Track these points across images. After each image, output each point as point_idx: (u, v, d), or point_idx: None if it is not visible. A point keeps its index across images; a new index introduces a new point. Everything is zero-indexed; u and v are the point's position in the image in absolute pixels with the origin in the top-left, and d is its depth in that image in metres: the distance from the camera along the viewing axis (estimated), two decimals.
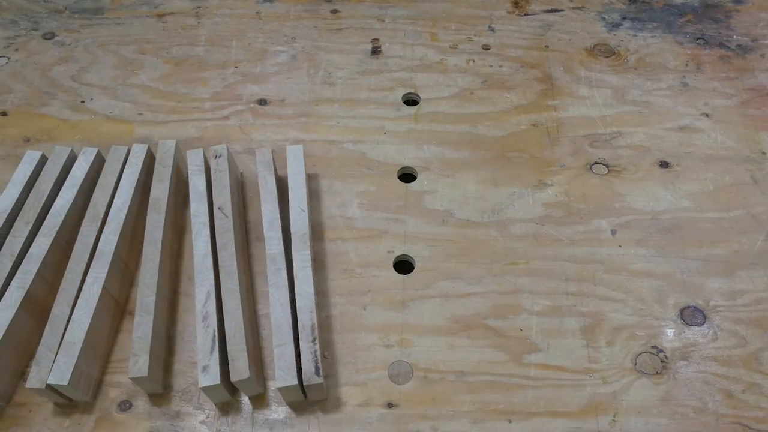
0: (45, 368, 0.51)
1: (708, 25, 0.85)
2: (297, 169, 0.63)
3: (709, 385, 0.56)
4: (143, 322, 0.54)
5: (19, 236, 0.58)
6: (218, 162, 0.63)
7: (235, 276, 0.56)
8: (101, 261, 0.57)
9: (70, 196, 0.61)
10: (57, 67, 0.80)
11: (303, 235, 0.58)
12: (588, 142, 0.72)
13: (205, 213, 0.60)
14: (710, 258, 0.64)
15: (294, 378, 0.51)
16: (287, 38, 0.83)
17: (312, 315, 0.54)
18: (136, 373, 0.51)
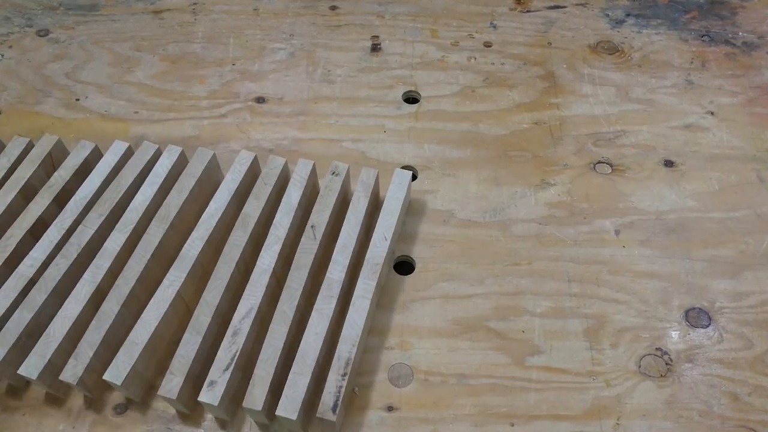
0: (81, 362, 0.51)
1: (713, 21, 0.85)
2: (396, 194, 0.61)
3: (715, 388, 0.56)
4: (190, 342, 0.52)
5: (90, 227, 0.58)
6: (332, 180, 0.61)
7: (296, 302, 0.54)
8: (181, 265, 0.56)
9: (150, 194, 0.60)
10: (51, 64, 0.80)
11: (376, 265, 0.56)
12: (591, 141, 0.72)
13: (285, 227, 0.58)
14: (716, 259, 0.64)
15: (295, 413, 0.49)
16: (285, 35, 0.83)
17: (352, 349, 0.52)
18: (166, 393, 0.50)
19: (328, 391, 0.50)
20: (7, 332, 0.53)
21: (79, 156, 0.64)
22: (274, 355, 0.51)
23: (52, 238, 0.57)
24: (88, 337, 0.52)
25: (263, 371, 0.51)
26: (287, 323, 0.53)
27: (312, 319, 0.53)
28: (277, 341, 0.52)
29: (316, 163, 0.70)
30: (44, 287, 0.54)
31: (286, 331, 0.52)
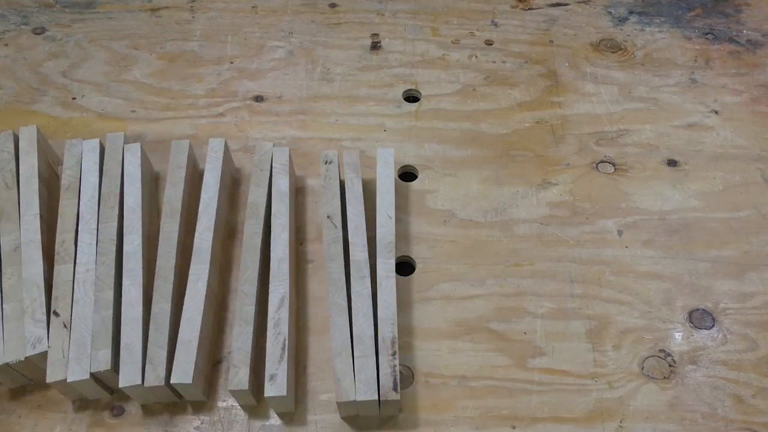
0: (159, 365, 0.52)
1: (717, 19, 0.85)
2: (386, 172, 0.62)
3: (719, 390, 0.56)
4: (243, 333, 0.53)
5: (111, 221, 0.59)
6: (329, 168, 0.63)
7: (344, 290, 0.55)
8: (200, 258, 0.57)
9: (137, 193, 0.61)
10: (47, 62, 0.80)
11: (389, 243, 0.58)
12: (594, 140, 0.72)
13: (285, 214, 0.59)
14: (719, 259, 0.64)
15: (374, 393, 0.51)
16: (284, 33, 0.83)
17: (393, 327, 0.53)
18: (236, 386, 0.51)
19: (383, 373, 0.52)
20: (100, 335, 0.53)
21: (79, 155, 0.64)
22: (347, 346, 0.53)
23: (90, 240, 0.58)
24: (153, 340, 0.53)
25: (343, 363, 0.52)
26: (345, 314, 0.54)
27: (355, 303, 0.55)
28: (342, 332, 0.53)
29: (314, 161, 0.70)
30: (106, 285, 0.56)
31: (347, 322, 0.54)
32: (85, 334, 0.53)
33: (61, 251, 0.58)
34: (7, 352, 0.53)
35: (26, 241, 0.58)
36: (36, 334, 0.53)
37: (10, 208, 0.60)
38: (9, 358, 0.52)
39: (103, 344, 0.53)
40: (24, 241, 0.58)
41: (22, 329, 0.54)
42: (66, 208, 0.60)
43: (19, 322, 0.54)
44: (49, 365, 0.52)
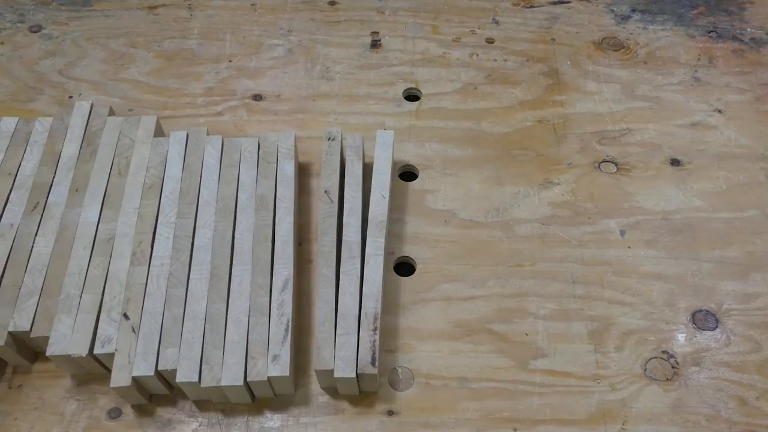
0: (216, 366, 0.52)
1: (721, 17, 0.85)
2: (384, 154, 0.64)
3: (722, 392, 0.56)
4: (259, 324, 0.54)
5: (188, 218, 0.59)
6: (330, 145, 0.64)
7: (333, 263, 0.57)
8: (242, 258, 0.57)
9: (213, 185, 0.61)
10: (44, 61, 0.80)
11: (380, 222, 0.60)
12: (596, 139, 0.72)
13: (290, 199, 0.61)
14: (723, 260, 0.64)
15: (353, 371, 0.52)
16: (283, 31, 0.83)
17: (377, 304, 0.55)
18: (255, 377, 0.52)
19: (363, 348, 0.53)
20: (169, 333, 0.54)
21: (164, 153, 0.64)
22: (330, 316, 0.55)
23: (168, 234, 0.59)
24: (209, 339, 0.53)
25: (325, 333, 0.54)
26: (333, 285, 0.56)
27: (343, 282, 0.56)
28: (328, 304, 0.55)
29: (313, 160, 0.70)
30: (179, 282, 0.56)
31: (334, 293, 0.56)
32: (154, 329, 0.54)
33: (137, 252, 0.58)
34: (72, 344, 0.53)
35: (120, 234, 0.58)
36: (107, 333, 0.53)
37: (115, 197, 0.61)
38: (72, 351, 0.52)
39: (172, 342, 0.53)
40: (118, 234, 0.58)
41: (92, 323, 0.54)
42: (146, 208, 0.60)
43: (91, 315, 0.54)
44: (115, 369, 0.52)
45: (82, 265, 0.57)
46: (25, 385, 0.56)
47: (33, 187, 0.61)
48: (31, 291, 0.55)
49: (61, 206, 0.60)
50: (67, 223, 0.59)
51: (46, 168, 0.62)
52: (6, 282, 0.56)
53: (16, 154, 0.63)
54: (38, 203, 0.60)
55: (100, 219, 0.59)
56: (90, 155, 0.63)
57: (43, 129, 0.64)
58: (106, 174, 0.62)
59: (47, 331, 0.53)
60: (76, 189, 0.61)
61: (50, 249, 0.57)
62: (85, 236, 0.58)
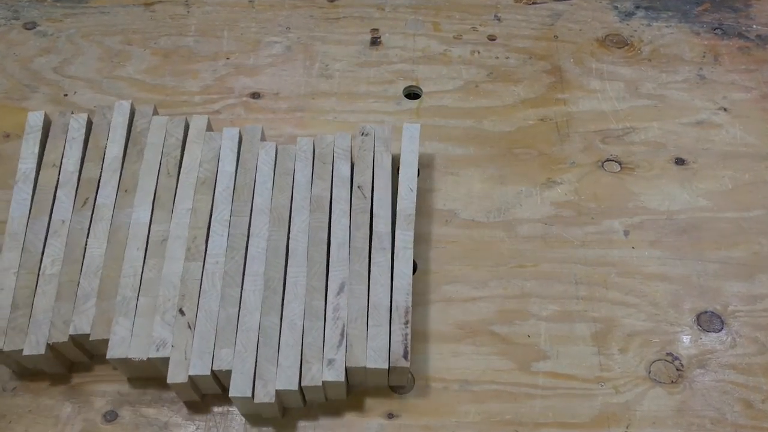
0: (270, 382, 0.52)
1: (726, 14, 0.85)
2: (410, 147, 0.64)
3: (728, 395, 0.56)
4: (314, 327, 0.54)
5: (243, 216, 0.60)
6: (364, 140, 0.64)
7: (366, 259, 0.57)
8: (297, 260, 0.58)
9: (267, 193, 0.61)
10: (38, 58, 0.80)
11: (408, 216, 0.60)
12: (599, 138, 0.72)
13: (346, 200, 0.61)
14: (729, 260, 0.64)
15: (385, 362, 0.52)
16: (282, 28, 0.83)
17: (407, 297, 0.56)
18: (310, 382, 0.52)
19: (394, 341, 0.54)
20: (224, 332, 0.54)
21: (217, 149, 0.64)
22: (362, 314, 0.55)
23: (222, 231, 0.59)
24: (263, 353, 0.53)
25: (356, 330, 0.54)
26: (364, 282, 0.56)
27: (374, 273, 0.57)
28: (361, 300, 0.56)
29: None
30: (234, 282, 0.56)
31: (366, 291, 0.56)
32: (209, 328, 0.54)
33: (192, 248, 0.58)
34: (132, 348, 0.53)
35: (174, 235, 0.58)
36: (162, 336, 0.54)
37: (166, 197, 0.61)
38: (132, 354, 0.53)
39: (227, 342, 0.53)
40: (171, 236, 0.58)
41: (150, 326, 0.54)
42: (200, 203, 0.60)
43: (149, 318, 0.54)
44: (171, 366, 0.52)
45: (136, 267, 0.57)
46: (19, 388, 0.57)
47: (81, 183, 0.61)
48: (88, 293, 0.55)
49: (110, 207, 0.60)
50: (118, 225, 0.59)
51: (92, 164, 0.62)
52: (63, 278, 0.56)
53: (57, 147, 0.63)
54: (87, 199, 0.60)
55: (152, 220, 0.59)
56: (137, 155, 0.63)
57: (79, 126, 0.64)
58: (155, 174, 0.62)
59: (106, 333, 0.54)
60: (125, 190, 0.61)
61: (103, 251, 0.58)
62: (138, 238, 0.58)
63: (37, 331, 0.54)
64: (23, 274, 0.56)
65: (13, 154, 0.71)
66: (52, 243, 0.58)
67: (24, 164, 0.62)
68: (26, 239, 0.58)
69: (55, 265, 0.57)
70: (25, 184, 0.61)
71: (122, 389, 0.57)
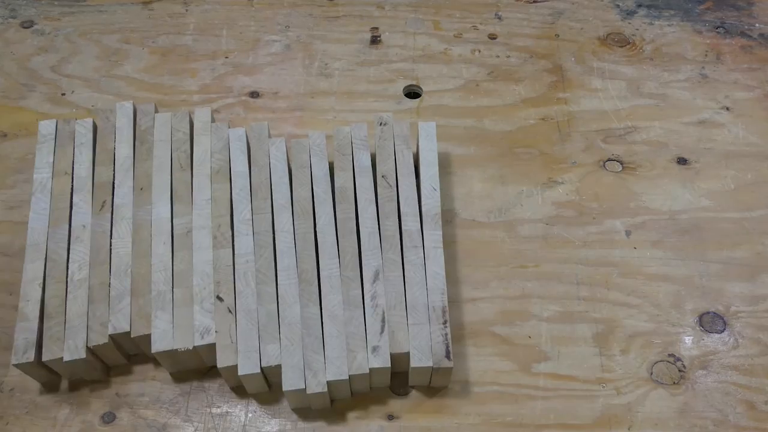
0: (319, 372, 0.52)
1: (729, 12, 0.85)
2: (428, 146, 0.64)
3: (730, 396, 0.56)
4: (355, 317, 0.55)
5: (265, 213, 0.60)
6: (383, 130, 0.64)
7: (398, 247, 0.58)
8: (327, 252, 0.58)
9: (285, 189, 0.61)
10: (36, 57, 0.80)
11: (434, 215, 0.60)
12: (601, 138, 0.72)
13: (371, 189, 0.61)
14: (731, 261, 0.64)
15: (430, 360, 0.53)
16: (281, 27, 0.83)
17: (443, 297, 0.55)
18: (356, 371, 0.52)
19: (435, 341, 0.54)
20: (267, 329, 0.54)
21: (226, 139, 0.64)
22: (400, 299, 0.55)
23: (246, 231, 0.59)
24: (308, 344, 0.53)
25: (397, 316, 0.55)
26: (400, 268, 0.57)
27: (408, 272, 0.57)
28: (397, 287, 0.56)
29: None
30: (268, 278, 0.56)
31: (401, 275, 0.57)
32: (251, 327, 0.54)
33: (218, 235, 0.58)
34: (176, 339, 0.54)
35: (197, 226, 0.59)
36: (204, 324, 0.54)
37: (183, 190, 0.61)
38: (178, 345, 0.53)
39: (271, 338, 0.54)
40: (195, 226, 0.59)
41: (191, 316, 0.55)
42: (218, 192, 0.61)
43: (188, 308, 0.55)
44: (219, 351, 0.53)
45: (165, 261, 0.57)
46: (17, 389, 0.57)
47: (95, 187, 0.62)
48: (121, 293, 0.56)
49: (128, 206, 0.60)
50: (139, 222, 0.60)
51: (103, 167, 0.63)
52: (93, 281, 0.57)
53: (66, 155, 0.64)
54: (105, 202, 0.61)
55: (173, 214, 0.60)
56: (146, 153, 0.64)
57: (85, 130, 0.65)
58: (168, 169, 0.62)
59: (147, 329, 0.54)
60: (141, 188, 0.61)
61: (129, 250, 0.58)
62: (162, 233, 0.59)
63: (75, 336, 0.54)
64: (51, 284, 0.57)
65: (11, 153, 0.71)
66: (77, 248, 0.58)
67: (39, 174, 0.62)
68: (48, 249, 0.58)
69: (83, 269, 0.57)
70: (42, 194, 0.61)
71: (120, 390, 0.57)
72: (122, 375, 0.57)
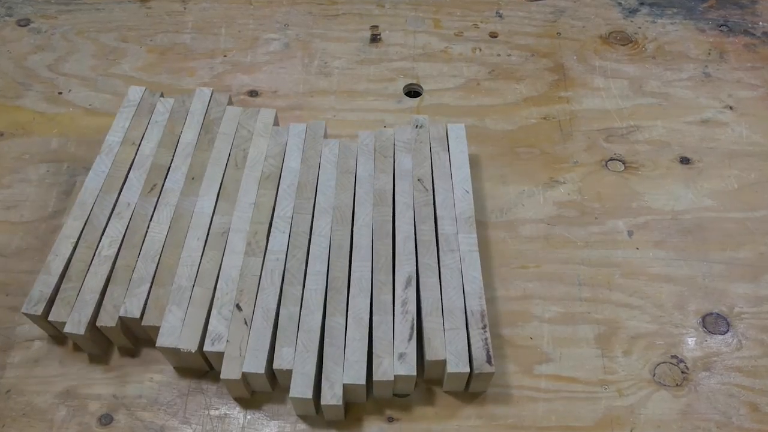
0: (337, 383, 0.52)
1: (732, 10, 0.85)
2: (459, 148, 0.65)
3: (734, 398, 0.56)
4: (384, 322, 0.54)
5: (306, 214, 0.60)
6: (419, 132, 0.65)
7: (434, 252, 0.58)
8: (361, 255, 0.58)
9: (330, 192, 0.62)
10: (32, 56, 0.80)
11: (468, 218, 0.60)
12: (603, 137, 0.72)
13: (409, 193, 0.61)
14: (734, 261, 0.64)
15: (467, 366, 0.52)
16: (280, 25, 0.83)
17: (481, 301, 0.55)
18: (382, 377, 0.52)
19: (475, 347, 0.53)
20: (285, 332, 0.54)
21: (284, 144, 0.65)
22: (437, 306, 0.55)
23: (284, 228, 0.59)
24: (329, 354, 0.53)
25: (433, 323, 0.54)
26: (435, 275, 0.57)
27: (444, 275, 0.57)
28: (434, 293, 0.55)
29: None
30: (296, 280, 0.56)
31: (438, 282, 0.56)
32: (266, 326, 0.54)
33: (252, 243, 0.58)
34: (182, 338, 0.53)
35: (235, 228, 0.59)
36: (218, 331, 0.54)
37: (231, 189, 0.61)
38: (183, 345, 0.53)
39: (288, 341, 0.53)
40: (233, 228, 0.59)
41: (203, 318, 0.54)
42: (263, 198, 0.61)
43: (202, 309, 0.55)
44: (226, 361, 0.53)
45: (194, 256, 0.57)
46: (13, 391, 0.57)
47: (151, 168, 0.63)
48: (143, 277, 0.56)
49: (176, 193, 0.61)
50: (181, 212, 0.60)
51: (164, 150, 0.64)
52: (120, 262, 0.57)
53: (140, 125, 0.65)
54: (155, 185, 0.61)
55: (215, 211, 0.60)
56: (208, 144, 0.64)
57: (164, 110, 0.66)
58: (223, 165, 0.63)
59: (158, 320, 0.54)
60: (192, 177, 0.62)
61: (164, 236, 0.59)
62: (199, 227, 0.59)
63: (81, 311, 0.54)
64: (82, 247, 0.58)
65: (7, 152, 0.71)
66: (114, 224, 0.59)
67: (111, 137, 0.64)
68: (92, 212, 0.60)
69: (112, 247, 0.58)
70: (107, 156, 0.63)
71: (118, 392, 0.57)
72: (120, 376, 0.57)
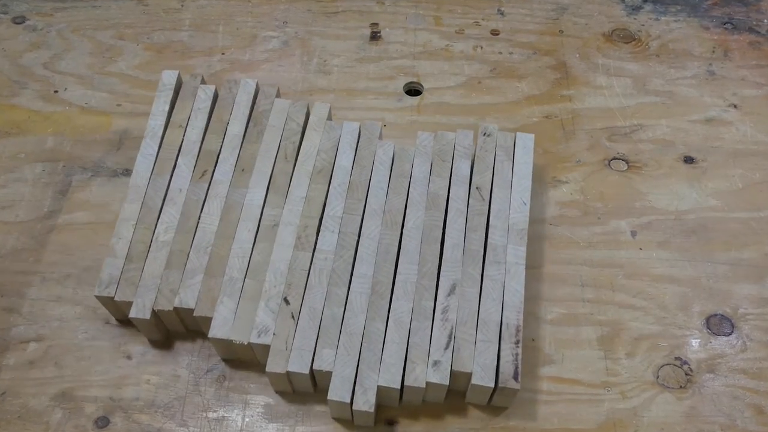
0: (370, 391, 0.52)
1: (736, 8, 0.85)
2: (524, 158, 0.64)
3: (738, 400, 0.56)
4: (421, 328, 0.54)
5: (356, 214, 0.60)
6: (486, 141, 0.64)
7: (480, 263, 0.57)
8: (408, 258, 0.58)
9: (382, 195, 0.61)
10: (28, 54, 0.80)
11: (521, 230, 0.60)
12: (606, 136, 0.72)
13: (464, 200, 0.61)
14: (739, 262, 0.64)
15: (492, 380, 0.52)
16: (278, 22, 0.83)
17: (519, 316, 0.55)
18: (413, 383, 0.52)
19: (504, 360, 0.53)
20: (328, 332, 0.54)
21: (336, 139, 0.65)
22: (472, 317, 0.55)
23: (333, 228, 0.59)
24: (365, 359, 0.53)
25: (465, 333, 0.54)
26: (477, 285, 0.56)
27: (486, 286, 0.56)
28: (472, 304, 0.55)
29: None
30: (342, 281, 0.57)
31: (478, 294, 0.56)
32: (312, 325, 0.54)
33: (302, 237, 0.59)
34: (234, 330, 0.54)
35: (285, 222, 0.59)
36: (265, 323, 0.55)
37: (281, 182, 0.62)
38: (234, 336, 0.54)
39: (330, 343, 0.54)
40: (283, 222, 0.59)
41: (254, 310, 0.55)
42: (314, 192, 0.61)
43: (254, 301, 0.56)
44: (271, 355, 0.53)
45: (245, 248, 0.58)
46: (8, 393, 0.57)
47: (201, 155, 0.63)
48: (196, 268, 0.57)
49: (226, 185, 0.61)
50: (231, 203, 0.60)
51: (214, 136, 0.64)
52: (175, 247, 0.58)
53: (185, 108, 0.66)
54: (205, 171, 0.62)
55: (265, 203, 0.61)
56: (257, 136, 0.64)
57: (206, 96, 0.66)
58: (272, 157, 0.63)
59: (210, 311, 0.55)
60: (242, 169, 0.62)
61: (215, 228, 0.59)
62: (250, 219, 0.60)
63: (145, 296, 0.56)
64: (140, 228, 0.60)
65: (2, 152, 0.71)
66: (168, 210, 0.60)
67: (154, 120, 0.65)
68: (147, 195, 0.61)
69: (168, 232, 0.59)
70: (152, 140, 0.64)
71: (114, 394, 0.57)
72: (116, 379, 0.57)
